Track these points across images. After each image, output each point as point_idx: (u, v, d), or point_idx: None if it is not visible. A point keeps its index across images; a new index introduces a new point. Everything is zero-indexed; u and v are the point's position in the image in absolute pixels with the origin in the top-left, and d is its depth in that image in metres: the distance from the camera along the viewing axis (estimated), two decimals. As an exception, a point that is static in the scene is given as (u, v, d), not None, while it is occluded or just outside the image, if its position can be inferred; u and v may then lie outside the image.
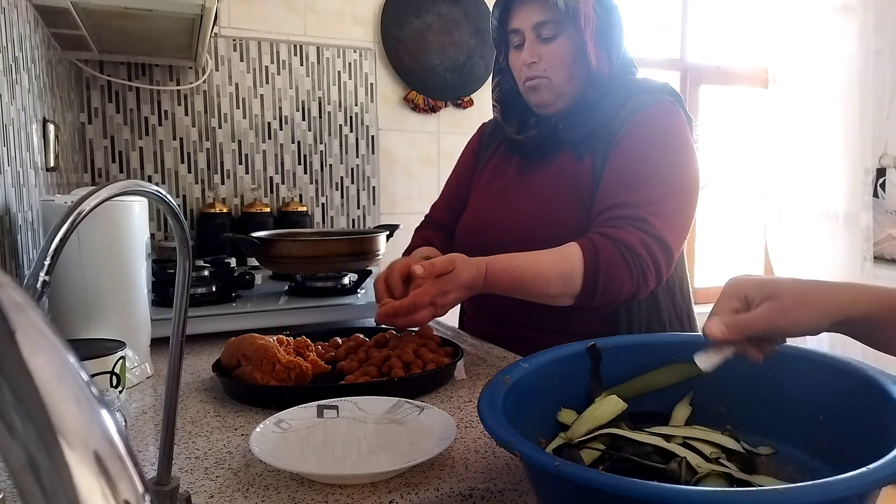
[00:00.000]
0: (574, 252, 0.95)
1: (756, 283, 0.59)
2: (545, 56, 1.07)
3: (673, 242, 0.98)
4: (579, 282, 0.95)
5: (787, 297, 0.56)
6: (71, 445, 0.16)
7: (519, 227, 1.09)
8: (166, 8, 1.28)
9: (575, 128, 1.07)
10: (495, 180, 1.18)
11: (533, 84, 1.09)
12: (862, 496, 0.44)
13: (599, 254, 0.94)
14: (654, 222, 0.96)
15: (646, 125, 1.03)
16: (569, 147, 1.08)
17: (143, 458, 0.67)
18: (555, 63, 1.07)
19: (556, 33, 1.06)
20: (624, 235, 0.95)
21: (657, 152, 1.01)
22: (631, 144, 1.02)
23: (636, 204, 0.97)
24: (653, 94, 1.07)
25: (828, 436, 0.57)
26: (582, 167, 1.06)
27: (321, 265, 1.29)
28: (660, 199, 0.98)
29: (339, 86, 2.15)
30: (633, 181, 0.99)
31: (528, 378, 0.60)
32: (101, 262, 0.90)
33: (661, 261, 0.96)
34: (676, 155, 1.03)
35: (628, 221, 0.96)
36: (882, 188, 2.83)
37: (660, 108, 1.05)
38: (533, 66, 1.08)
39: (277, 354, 0.83)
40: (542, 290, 0.95)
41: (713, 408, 0.66)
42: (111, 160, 1.89)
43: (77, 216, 0.35)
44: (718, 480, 0.53)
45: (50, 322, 0.17)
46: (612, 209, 0.98)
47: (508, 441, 0.47)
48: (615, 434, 0.58)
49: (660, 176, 1.00)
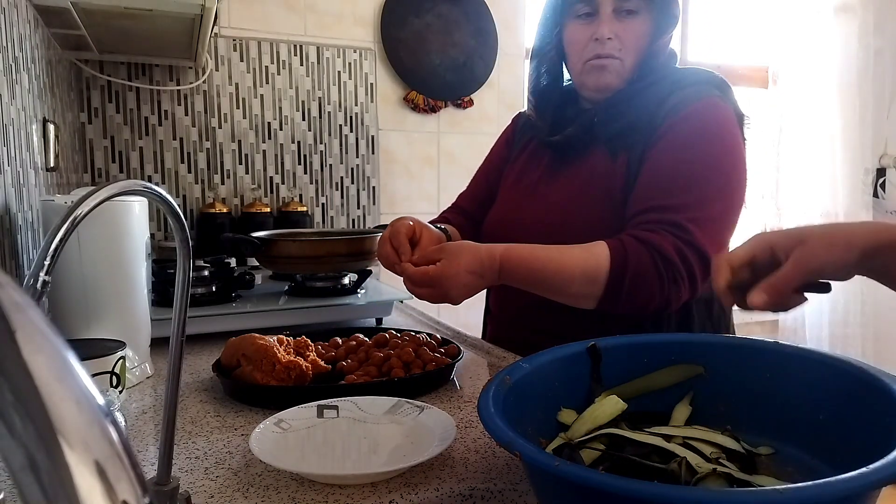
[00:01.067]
0: (601, 251, 0.88)
1: (782, 232, 0.60)
2: (622, 34, 0.97)
3: (711, 252, 0.88)
4: (603, 282, 0.87)
5: (813, 240, 0.57)
6: (71, 446, 0.16)
7: (546, 229, 1.01)
8: (166, 8, 1.28)
9: (611, 122, 0.98)
10: (525, 176, 1.11)
11: (601, 63, 0.98)
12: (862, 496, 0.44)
13: (628, 255, 0.87)
14: (692, 229, 0.88)
15: (690, 122, 0.94)
16: (603, 143, 1.00)
17: (143, 458, 0.67)
18: (631, 43, 0.97)
19: (639, 8, 0.96)
20: (657, 240, 0.87)
21: (700, 152, 0.92)
22: (672, 142, 0.94)
23: (674, 208, 0.89)
24: (700, 88, 0.97)
25: (828, 436, 0.57)
26: (616, 166, 0.97)
27: (321, 265, 1.29)
28: (700, 203, 0.90)
29: (339, 86, 2.15)
30: (672, 183, 0.91)
31: (528, 378, 0.60)
32: (101, 262, 0.90)
33: (697, 271, 0.88)
34: (722, 155, 0.93)
35: (663, 226, 0.88)
36: (882, 188, 2.83)
37: (706, 104, 0.96)
38: (608, 42, 0.97)
39: (277, 354, 0.83)
40: (563, 286, 0.88)
41: (713, 408, 0.66)
42: (111, 160, 1.89)
43: (77, 216, 0.35)
44: (718, 481, 0.52)
45: (50, 322, 0.17)
46: (648, 212, 0.91)
47: (508, 441, 0.47)
48: (615, 434, 0.58)
49: (701, 178, 0.91)
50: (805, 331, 2.78)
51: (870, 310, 2.69)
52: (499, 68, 2.34)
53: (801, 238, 0.58)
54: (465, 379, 0.93)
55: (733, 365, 0.67)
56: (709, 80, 1.00)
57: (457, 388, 0.89)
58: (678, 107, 0.95)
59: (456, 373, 0.94)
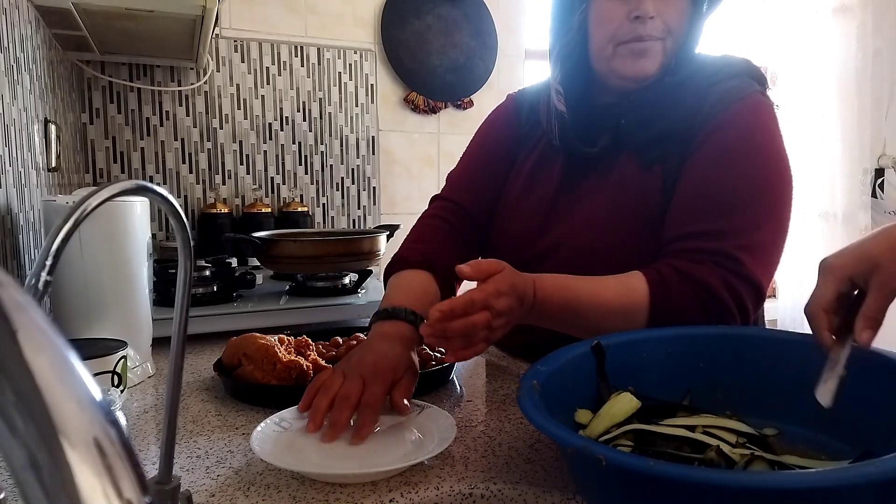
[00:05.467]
0: (639, 285, 0.76)
1: (852, 259, 0.62)
2: (664, 11, 0.83)
3: (764, 281, 0.78)
4: (643, 320, 0.76)
5: (885, 262, 0.59)
6: (72, 445, 0.16)
7: (571, 254, 0.88)
8: (167, 9, 1.28)
9: (642, 127, 0.86)
10: (537, 185, 0.96)
11: (643, 47, 0.83)
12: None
13: (670, 292, 0.76)
14: (744, 259, 0.76)
15: (732, 128, 0.82)
16: (632, 151, 0.87)
17: (145, 457, 0.67)
18: (675, 23, 0.84)
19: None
20: (704, 274, 0.75)
21: (748, 165, 0.80)
22: (713, 153, 0.81)
23: (720, 234, 0.77)
24: (740, 83, 0.85)
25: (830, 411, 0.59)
26: (649, 179, 0.85)
27: (322, 265, 1.29)
28: (750, 227, 0.78)
29: (339, 87, 2.15)
30: (716, 203, 0.79)
31: (548, 381, 0.60)
32: (102, 262, 0.90)
33: (749, 304, 0.77)
34: (770, 168, 0.82)
35: (710, 256, 0.77)
36: (880, 188, 2.83)
37: (749, 104, 0.84)
38: (649, 22, 0.82)
39: (278, 354, 0.84)
40: (597, 322, 0.76)
41: (711, 395, 0.68)
42: (112, 160, 1.89)
43: (79, 216, 0.35)
44: (762, 464, 0.53)
45: (51, 322, 0.17)
46: (689, 239, 0.79)
47: (585, 446, 0.47)
48: (640, 430, 0.59)
49: (750, 197, 0.79)
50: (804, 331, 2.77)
51: (870, 310, 2.68)
52: (499, 69, 2.34)
53: (872, 261, 0.60)
54: (465, 379, 0.93)
55: (728, 354, 0.70)
56: (748, 72, 0.88)
57: (457, 387, 0.89)
58: (718, 107, 0.83)
59: (456, 373, 0.94)
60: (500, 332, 0.70)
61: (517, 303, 0.70)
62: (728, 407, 0.66)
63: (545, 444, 0.69)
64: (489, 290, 0.67)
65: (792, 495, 0.42)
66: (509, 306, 0.69)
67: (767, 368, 0.67)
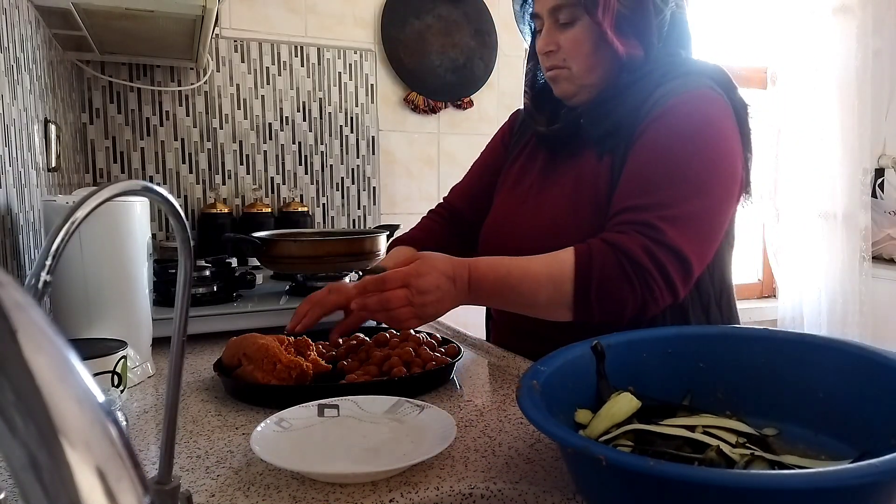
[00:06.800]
0: (567, 256, 0.85)
1: None
2: (563, 43, 0.95)
3: (690, 251, 0.83)
4: (570, 288, 0.83)
5: None
6: (72, 445, 0.16)
7: (537, 237, 0.97)
8: (167, 9, 1.28)
9: (598, 123, 0.95)
10: (521, 180, 1.08)
11: (552, 75, 0.98)
12: None
13: (593, 259, 0.83)
14: (664, 228, 0.82)
15: (672, 115, 0.89)
16: (590, 146, 0.96)
17: (145, 457, 0.67)
18: (573, 51, 0.95)
19: (574, 18, 0.94)
20: (624, 241, 0.82)
21: (681, 146, 0.87)
22: (651, 138, 0.89)
23: (647, 207, 0.84)
24: (688, 79, 0.92)
25: (830, 411, 0.59)
26: (601, 169, 0.94)
27: (322, 265, 1.29)
28: (676, 201, 0.84)
29: (339, 87, 2.15)
30: (648, 181, 0.87)
31: (548, 381, 0.61)
32: (102, 262, 0.90)
33: (673, 272, 0.82)
34: (706, 149, 0.87)
35: (633, 226, 0.84)
36: (880, 188, 2.83)
37: (691, 95, 0.90)
38: (551, 54, 0.97)
39: (278, 354, 0.84)
40: (531, 294, 0.85)
41: (711, 395, 0.68)
42: (112, 161, 1.89)
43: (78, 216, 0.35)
44: (762, 464, 0.53)
45: (51, 322, 0.17)
46: (621, 213, 0.87)
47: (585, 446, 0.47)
48: (640, 430, 0.59)
49: (678, 174, 0.86)
50: (804, 331, 2.78)
51: (868, 310, 2.69)
52: (499, 69, 2.34)
53: None
54: (465, 378, 0.93)
55: (728, 353, 0.70)
56: (701, 71, 0.95)
57: (457, 387, 0.89)
58: (661, 101, 0.90)
59: (456, 372, 0.94)
60: (432, 308, 0.84)
61: (447, 282, 0.84)
62: (728, 407, 0.66)
63: (545, 444, 0.69)
64: (407, 271, 0.83)
65: (792, 495, 0.42)
66: (434, 284, 0.83)
67: (767, 368, 0.67)
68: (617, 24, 0.92)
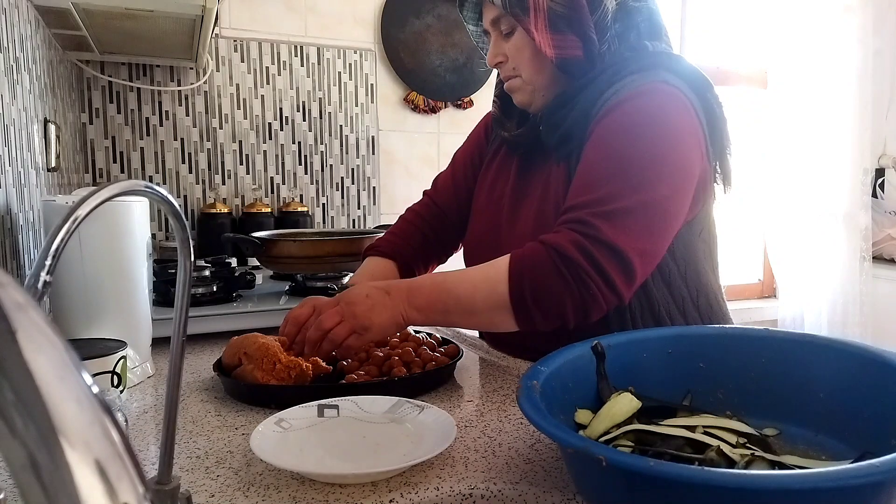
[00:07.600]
0: (503, 260, 0.84)
1: None
2: (509, 52, 0.95)
3: (628, 247, 0.79)
4: (505, 288, 0.81)
5: None
6: (72, 445, 0.16)
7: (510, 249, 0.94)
8: (167, 9, 1.28)
9: (553, 129, 0.94)
10: (497, 184, 1.07)
11: (508, 86, 0.98)
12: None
13: (525, 258, 0.81)
14: (598, 223, 0.79)
15: (619, 112, 0.86)
16: (552, 152, 0.96)
17: (144, 457, 0.67)
18: (517, 59, 0.95)
19: (513, 27, 0.93)
20: (555, 238, 0.80)
21: (624, 142, 0.84)
22: (597, 137, 0.87)
23: (584, 205, 0.82)
24: (640, 76, 0.89)
25: (830, 411, 0.59)
26: (560, 174, 0.93)
27: (322, 265, 1.29)
28: (610, 198, 0.81)
29: (339, 86, 2.15)
30: (589, 180, 0.84)
31: (548, 381, 0.60)
32: (102, 262, 0.90)
33: (610, 269, 0.79)
34: (652, 143, 0.83)
35: (567, 224, 0.82)
36: (881, 188, 2.83)
37: (644, 89, 0.87)
38: (501, 65, 0.97)
39: (278, 354, 0.84)
40: (468, 298, 0.83)
41: (712, 395, 0.68)
42: (112, 160, 1.89)
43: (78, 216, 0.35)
44: (763, 465, 0.53)
45: (51, 322, 0.17)
46: (563, 214, 0.85)
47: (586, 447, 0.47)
48: (640, 430, 0.59)
49: (620, 170, 0.83)
50: (804, 331, 2.78)
51: (869, 310, 2.69)
52: (499, 68, 2.34)
53: None
54: (464, 379, 0.93)
55: (728, 353, 0.70)
56: (655, 64, 0.91)
57: (457, 387, 0.89)
58: (611, 100, 0.87)
59: (456, 372, 0.94)
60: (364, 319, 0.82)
61: (378, 292, 0.84)
62: (728, 407, 0.66)
63: (545, 444, 0.69)
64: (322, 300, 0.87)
65: (792, 495, 0.42)
66: (363, 294, 0.84)
67: (767, 368, 0.67)
68: (552, 23, 0.89)
